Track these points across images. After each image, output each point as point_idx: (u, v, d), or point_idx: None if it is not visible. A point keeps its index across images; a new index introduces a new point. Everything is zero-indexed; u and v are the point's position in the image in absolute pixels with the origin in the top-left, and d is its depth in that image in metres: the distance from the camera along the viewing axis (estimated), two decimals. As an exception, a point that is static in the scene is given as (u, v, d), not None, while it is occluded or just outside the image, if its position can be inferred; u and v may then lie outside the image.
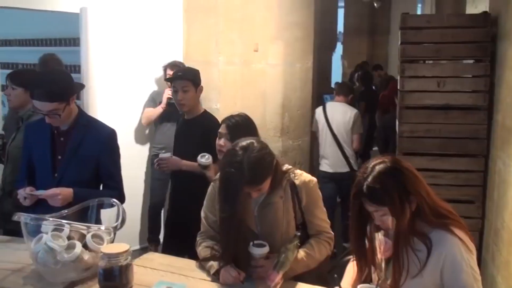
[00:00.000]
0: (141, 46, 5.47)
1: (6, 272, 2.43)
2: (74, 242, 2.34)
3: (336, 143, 5.79)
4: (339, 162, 5.78)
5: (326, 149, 5.89)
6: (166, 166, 3.70)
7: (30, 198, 2.83)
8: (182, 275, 2.52)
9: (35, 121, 3.21)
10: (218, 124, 3.44)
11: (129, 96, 5.40)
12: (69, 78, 2.96)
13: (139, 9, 5.45)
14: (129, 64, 5.40)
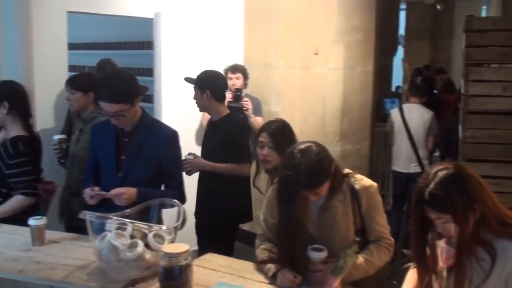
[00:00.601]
0: (204, 50, 5.55)
1: (71, 268, 2.50)
2: (137, 241, 2.39)
3: (411, 144, 5.87)
4: (413, 163, 5.87)
5: (401, 150, 5.97)
6: (190, 168, 3.75)
7: (96, 197, 2.93)
8: (241, 277, 2.53)
9: (101, 122, 3.30)
10: (241, 124, 3.46)
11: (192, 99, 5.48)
12: (134, 80, 3.04)
13: (204, 14, 5.54)
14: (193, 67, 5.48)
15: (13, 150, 3.25)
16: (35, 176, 3.33)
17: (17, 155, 3.25)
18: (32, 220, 2.78)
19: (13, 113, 3.33)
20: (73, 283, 2.37)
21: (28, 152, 3.30)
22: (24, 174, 3.26)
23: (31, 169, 3.30)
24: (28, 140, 3.33)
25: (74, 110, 3.93)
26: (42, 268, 2.51)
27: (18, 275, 2.49)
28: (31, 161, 3.31)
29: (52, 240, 2.85)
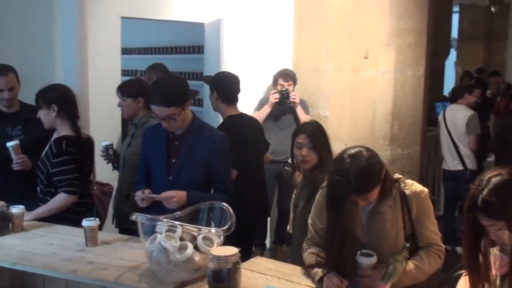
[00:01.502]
0: (255, 54, 5.59)
1: (123, 269, 2.55)
2: (186, 243, 2.41)
3: (452, 143, 6.01)
4: (455, 161, 6.01)
5: (444, 149, 6.16)
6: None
7: (147, 200, 2.97)
8: (289, 280, 2.53)
9: (152, 126, 3.35)
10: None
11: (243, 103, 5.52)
12: (185, 84, 3.08)
13: (255, 19, 5.57)
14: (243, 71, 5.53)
15: (56, 149, 3.34)
16: (78, 175, 3.38)
17: (59, 153, 3.34)
18: (85, 221, 2.85)
19: (62, 115, 3.42)
20: (125, 284, 2.42)
21: (71, 151, 3.36)
22: (66, 172, 3.33)
23: (73, 168, 3.36)
24: (73, 140, 3.40)
25: (126, 116, 4.02)
26: (94, 268, 2.57)
27: (71, 275, 2.56)
28: (74, 160, 3.37)
29: (104, 241, 2.92)
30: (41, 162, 3.41)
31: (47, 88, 3.50)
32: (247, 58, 5.55)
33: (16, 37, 4.53)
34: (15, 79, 3.85)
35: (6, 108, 3.88)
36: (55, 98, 3.42)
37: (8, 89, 3.78)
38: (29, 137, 3.81)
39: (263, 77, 5.69)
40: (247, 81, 5.57)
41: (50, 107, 3.40)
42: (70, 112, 3.45)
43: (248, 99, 5.54)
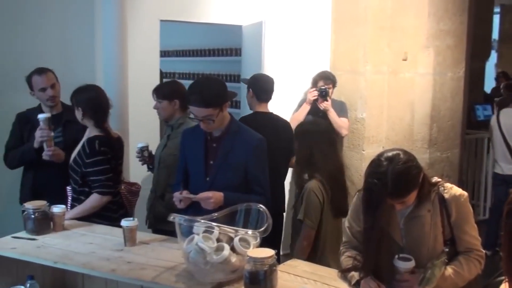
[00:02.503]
0: (293, 56, 5.60)
1: (160, 269, 2.57)
2: (223, 245, 2.43)
3: (506, 146, 6.00)
4: (509, 165, 6.00)
5: (498, 153, 6.12)
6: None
7: (184, 201, 3.00)
8: (325, 283, 2.52)
9: (191, 127, 3.38)
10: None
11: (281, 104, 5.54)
12: (223, 85, 3.09)
13: (293, 22, 5.58)
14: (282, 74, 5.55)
15: (89, 149, 3.38)
16: (111, 175, 3.42)
17: (93, 154, 3.37)
18: (124, 221, 2.89)
19: (88, 118, 3.47)
20: (162, 284, 2.44)
21: (104, 150, 3.40)
22: (99, 173, 3.37)
23: (107, 168, 3.40)
24: (105, 140, 3.44)
25: (162, 118, 4.07)
26: (133, 268, 2.60)
27: (110, 274, 2.59)
28: (107, 159, 3.41)
29: (142, 241, 2.95)
30: (74, 162, 3.44)
31: (78, 89, 3.57)
32: (285, 60, 5.56)
33: (58, 41, 4.63)
34: (55, 78, 3.93)
35: (49, 109, 3.96)
36: (81, 101, 3.48)
37: (50, 86, 3.87)
38: (68, 139, 3.88)
39: (301, 79, 5.68)
40: (285, 82, 5.58)
41: (78, 109, 3.48)
42: (95, 116, 3.48)
43: (286, 100, 5.55)
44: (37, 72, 3.86)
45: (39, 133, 3.62)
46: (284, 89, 5.60)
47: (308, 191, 3.32)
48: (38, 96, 3.90)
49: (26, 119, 3.94)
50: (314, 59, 5.71)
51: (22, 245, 2.89)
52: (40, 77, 3.85)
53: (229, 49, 6.90)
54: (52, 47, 4.60)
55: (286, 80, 5.61)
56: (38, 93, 3.88)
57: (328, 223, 3.38)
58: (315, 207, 3.30)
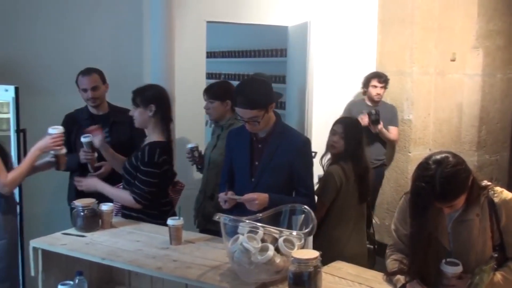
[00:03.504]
0: (339, 58, 5.58)
1: (205, 268, 2.59)
2: (267, 245, 2.42)
3: None
4: None
5: None
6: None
7: (229, 202, 3.00)
8: (370, 286, 2.50)
9: (236, 128, 3.39)
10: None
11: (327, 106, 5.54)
12: (269, 87, 3.10)
13: (338, 22, 5.56)
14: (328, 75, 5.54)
15: (148, 157, 3.29)
16: (155, 190, 3.33)
17: (149, 164, 3.28)
18: (170, 220, 2.92)
19: (157, 117, 3.37)
20: (207, 283, 2.45)
21: (162, 161, 3.31)
22: (145, 184, 3.29)
23: (154, 182, 3.31)
24: (166, 146, 3.38)
25: (212, 118, 4.04)
26: (178, 266, 2.62)
27: (156, 272, 2.62)
28: (159, 174, 3.32)
29: (187, 240, 2.97)
30: (129, 164, 3.39)
31: (146, 87, 3.49)
32: (330, 61, 5.54)
33: (108, 42, 4.73)
34: (99, 80, 3.98)
35: (95, 109, 4.03)
36: (154, 98, 3.37)
37: (91, 89, 3.92)
38: (115, 140, 3.93)
39: (347, 80, 5.66)
40: (330, 83, 5.56)
41: (148, 107, 3.34)
42: (165, 114, 3.41)
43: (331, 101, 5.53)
44: (82, 73, 3.95)
45: (83, 155, 3.71)
46: (329, 90, 5.59)
47: (328, 173, 3.71)
48: (81, 95, 4.00)
49: (73, 120, 4.01)
50: (360, 60, 5.67)
51: (71, 241, 2.95)
52: (84, 78, 3.93)
53: (275, 50, 6.90)
54: (102, 48, 4.70)
55: (332, 81, 5.59)
56: (81, 93, 3.98)
57: (351, 207, 3.73)
58: (332, 188, 3.64)
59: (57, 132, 3.45)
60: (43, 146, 3.43)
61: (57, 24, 4.56)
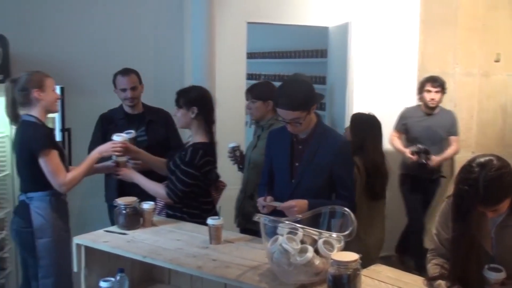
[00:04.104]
0: (380, 58, 5.53)
1: (244, 268, 2.60)
2: (307, 247, 2.42)
3: None
4: None
5: None
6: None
7: (267, 207, 3.00)
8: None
9: (277, 129, 3.39)
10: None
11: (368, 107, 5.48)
12: (312, 88, 3.08)
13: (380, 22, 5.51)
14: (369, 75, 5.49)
15: (190, 158, 3.32)
16: (189, 190, 3.36)
17: (189, 164, 3.32)
18: (210, 220, 2.94)
19: (200, 119, 3.40)
20: (246, 283, 2.46)
21: (204, 162, 3.34)
22: (181, 182, 3.33)
23: (190, 183, 3.34)
24: (209, 147, 3.40)
25: (254, 118, 4.04)
26: (218, 266, 2.64)
27: (196, 271, 2.64)
28: (198, 176, 3.35)
29: (227, 240, 2.99)
30: (173, 164, 3.42)
31: (189, 89, 3.52)
32: (371, 62, 5.50)
33: (150, 43, 4.80)
34: (137, 80, 4.07)
35: (130, 109, 4.11)
36: (196, 99, 3.40)
37: (130, 88, 4.03)
38: (152, 139, 4.00)
39: (388, 81, 5.60)
40: (371, 85, 5.52)
41: (190, 108, 3.37)
42: (208, 116, 3.44)
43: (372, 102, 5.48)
44: (121, 73, 4.04)
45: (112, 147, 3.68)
46: (370, 91, 5.54)
47: None
48: (118, 94, 4.09)
49: (109, 120, 4.12)
50: (401, 61, 5.62)
51: (113, 239, 3.00)
52: (123, 78, 4.02)
53: (315, 51, 6.87)
54: (143, 49, 4.77)
55: (372, 82, 5.55)
56: (119, 92, 4.07)
57: (363, 204, 3.72)
58: None
59: (120, 140, 3.53)
60: (103, 150, 3.52)
61: (101, 25, 4.65)
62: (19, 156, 3.39)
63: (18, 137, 3.37)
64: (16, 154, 3.41)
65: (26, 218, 3.37)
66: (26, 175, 3.41)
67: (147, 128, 4.08)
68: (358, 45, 5.35)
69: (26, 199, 3.38)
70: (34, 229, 3.36)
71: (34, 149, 3.29)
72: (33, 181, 3.38)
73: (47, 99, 3.38)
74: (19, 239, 3.45)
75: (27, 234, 3.37)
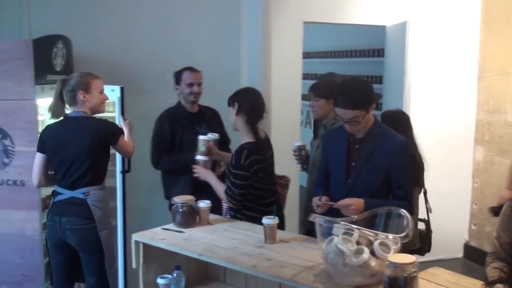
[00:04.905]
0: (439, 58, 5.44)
1: (299, 268, 2.60)
2: (362, 248, 2.40)
3: None
4: None
5: None
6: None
7: (322, 207, 2.99)
8: (468, 295, 2.43)
9: (334, 128, 3.38)
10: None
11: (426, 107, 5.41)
12: (370, 87, 3.05)
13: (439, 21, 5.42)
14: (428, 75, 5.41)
15: (235, 160, 3.40)
16: (245, 191, 3.43)
17: (236, 166, 3.39)
18: (265, 219, 2.96)
19: (243, 118, 3.48)
20: (301, 283, 2.46)
21: (247, 164, 3.39)
22: (235, 185, 3.41)
23: (243, 185, 3.40)
24: (253, 148, 3.44)
25: (317, 117, 4.01)
26: (272, 265, 2.65)
27: (251, 270, 2.66)
28: (248, 176, 3.41)
29: (282, 239, 3.00)
30: (227, 168, 3.54)
31: (238, 90, 3.64)
32: (430, 62, 5.41)
33: (206, 42, 4.85)
34: (202, 78, 4.22)
35: (191, 106, 4.23)
36: (240, 100, 3.50)
37: (197, 84, 4.16)
38: None
39: (447, 81, 5.50)
40: (430, 85, 5.43)
41: (234, 107, 3.50)
42: (249, 117, 3.48)
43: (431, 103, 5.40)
44: (189, 69, 4.19)
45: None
46: (428, 91, 5.45)
47: None
48: (183, 90, 4.19)
49: (174, 118, 4.19)
50: (461, 60, 5.50)
51: (170, 236, 3.05)
52: (192, 73, 4.17)
53: (371, 50, 6.80)
54: (200, 49, 4.84)
55: (431, 82, 5.45)
56: (184, 88, 4.17)
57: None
58: None
59: (205, 138, 3.72)
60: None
61: (159, 26, 4.74)
62: (85, 147, 3.45)
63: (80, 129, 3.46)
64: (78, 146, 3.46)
65: (85, 214, 3.47)
66: (88, 167, 3.48)
67: (208, 126, 4.17)
68: (416, 44, 5.26)
69: (81, 194, 3.48)
70: (96, 222, 3.46)
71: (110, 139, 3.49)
72: (91, 175, 3.49)
73: (92, 101, 3.50)
74: (78, 236, 3.50)
75: (90, 229, 3.47)
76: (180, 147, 4.14)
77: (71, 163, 3.49)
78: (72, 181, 3.49)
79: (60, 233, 3.51)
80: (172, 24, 4.77)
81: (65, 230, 3.49)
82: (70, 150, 3.47)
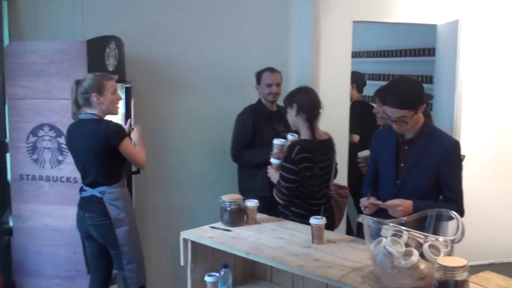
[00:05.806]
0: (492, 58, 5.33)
1: (347, 269, 2.59)
2: (411, 250, 2.37)
3: None
4: None
5: None
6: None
7: (369, 207, 2.98)
8: (522, 300, 2.37)
9: (383, 129, 3.37)
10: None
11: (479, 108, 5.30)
12: (420, 87, 3.01)
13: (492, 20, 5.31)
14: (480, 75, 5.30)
15: (287, 153, 3.48)
16: (292, 186, 3.48)
17: (287, 159, 3.48)
18: (313, 220, 2.95)
19: (301, 116, 3.55)
20: (348, 284, 2.44)
21: (300, 158, 3.43)
22: (283, 178, 3.48)
23: (291, 179, 3.46)
24: (307, 145, 3.48)
25: (381, 123, 3.95)
26: (320, 265, 2.65)
27: (297, 269, 2.66)
28: (297, 171, 3.45)
29: (329, 240, 2.99)
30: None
31: (294, 90, 3.74)
32: (483, 61, 5.29)
33: (256, 43, 4.87)
34: (281, 78, 4.36)
35: (271, 105, 4.36)
36: (297, 99, 3.57)
37: (276, 85, 4.30)
38: None
39: (500, 80, 5.37)
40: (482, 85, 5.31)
41: (292, 107, 3.57)
42: (308, 115, 3.54)
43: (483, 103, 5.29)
44: (269, 69, 4.33)
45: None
46: (480, 91, 5.33)
47: None
48: (262, 90, 4.33)
49: (257, 115, 4.33)
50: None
51: (218, 235, 3.09)
52: (271, 74, 4.30)
53: (422, 49, 6.69)
54: (250, 50, 4.86)
55: (483, 83, 5.34)
56: (264, 88, 4.31)
57: None
58: None
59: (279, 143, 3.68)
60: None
61: (209, 28, 4.78)
62: (91, 151, 3.49)
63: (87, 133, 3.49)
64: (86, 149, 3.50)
65: (102, 211, 3.53)
66: (98, 169, 3.53)
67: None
68: (468, 43, 5.15)
69: (98, 193, 3.54)
70: (112, 219, 3.52)
71: (112, 141, 3.46)
72: (105, 175, 3.54)
73: (105, 103, 3.53)
74: (99, 231, 3.57)
75: (107, 225, 3.53)
76: (259, 144, 4.26)
77: (84, 165, 3.58)
78: (90, 180, 3.57)
79: (85, 227, 3.61)
80: (222, 25, 4.80)
81: (88, 225, 3.59)
82: (81, 153, 3.55)
